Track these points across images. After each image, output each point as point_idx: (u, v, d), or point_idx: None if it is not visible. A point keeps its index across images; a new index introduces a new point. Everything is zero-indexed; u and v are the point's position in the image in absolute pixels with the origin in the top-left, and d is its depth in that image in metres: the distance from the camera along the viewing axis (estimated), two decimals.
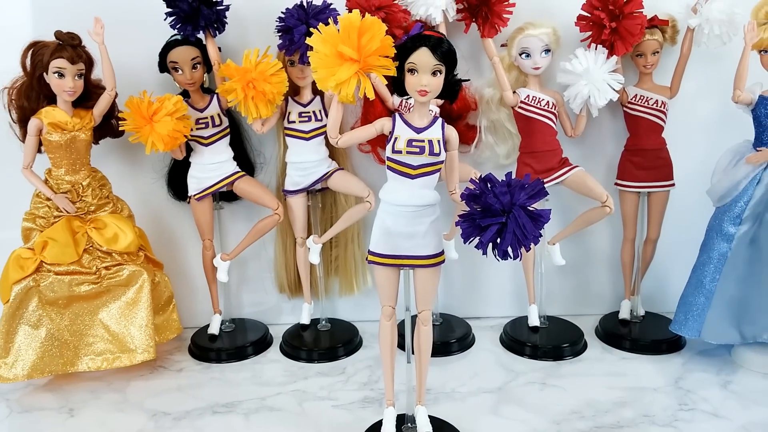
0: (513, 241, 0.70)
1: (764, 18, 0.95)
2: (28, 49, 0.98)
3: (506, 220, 0.69)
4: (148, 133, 0.99)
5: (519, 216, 0.69)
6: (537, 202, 0.71)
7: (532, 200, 0.70)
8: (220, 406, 0.97)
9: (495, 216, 0.70)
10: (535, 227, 0.70)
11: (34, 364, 1.00)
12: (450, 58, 0.74)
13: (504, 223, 0.70)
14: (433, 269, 0.80)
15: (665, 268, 1.18)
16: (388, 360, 0.84)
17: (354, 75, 0.74)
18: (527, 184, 0.71)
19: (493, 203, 0.69)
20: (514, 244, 0.70)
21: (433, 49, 0.73)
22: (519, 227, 0.69)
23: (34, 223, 1.03)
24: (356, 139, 0.82)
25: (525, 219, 0.69)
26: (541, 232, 0.71)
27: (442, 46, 0.73)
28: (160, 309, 1.10)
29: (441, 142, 0.76)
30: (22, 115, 1.01)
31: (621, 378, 1.01)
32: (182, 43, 1.02)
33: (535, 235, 0.70)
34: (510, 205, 0.70)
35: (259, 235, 1.11)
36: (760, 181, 0.98)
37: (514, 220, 0.69)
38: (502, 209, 0.70)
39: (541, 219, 0.71)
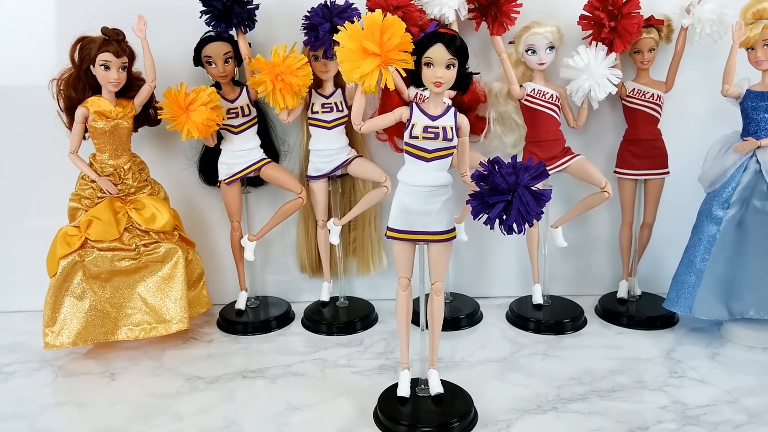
0: (517, 217, 0.76)
1: (751, 18, 1.02)
2: (76, 44, 1.06)
3: (512, 198, 0.76)
4: (184, 121, 1.07)
5: (523, 194, 0.76)
6: (540, 182, 0.78)
7: (535, 181, 0.77)
8: (248, 371, 1.04)
9: (501, 194, 0.76)
10: (538, 205, 0.76)
11: (79, 332, 1.08)
12: (462, 53, 0.80)
13: (509, 201, 0.76)
14: (446, 244, 0.87)
15: (660, 251, 1.25)
16: (404, 327, 0.91)
17: (376, 68, 0.81)
18: (531, 166, 0.77)
19: (500, 183, 0.76)
20: (519, 220, 0.76)
21: (447, 45, 0.79)
22: (523, 204, 0.76)
23: (80, 203, 1.11)
24: (377, 126, 0.89)
25: (528, 197, 0.76)
26: (542, 210, 0.78)
27: (455, 42, 0.80)
28: (191, 285, 1.18)
29: (453, 129, 0.83)
30: (69, 104, 1.10)
31: (617, 350, 1.09)
32: (216, 39, 1.10)
33: (537, 212, 0.77)
34: (515, 184, 0.76)
35: (283, 217, 1.19)
36: (747, 168, 1.05)
37: (519, 198, 0.76)
38: (507, 188, 0.76)
39: (542, 198, 0.77)
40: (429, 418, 0.87)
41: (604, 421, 0.88)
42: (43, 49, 1.19)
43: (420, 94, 1.12)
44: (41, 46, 1.19)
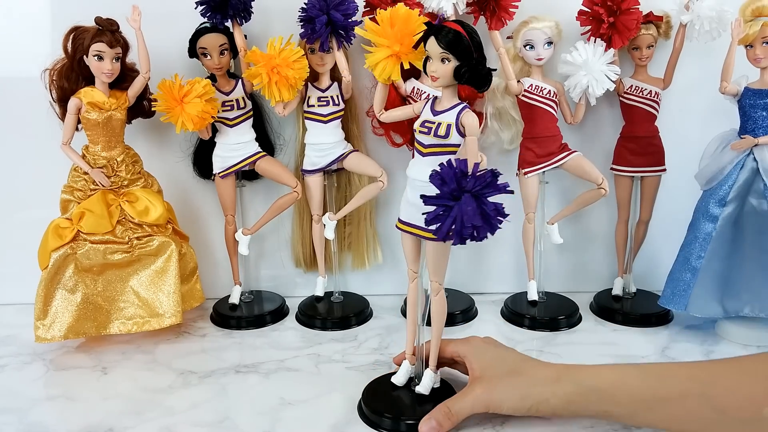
0: (451, 226, 0.71)
1: (750, 15, 1.02)
2: (69, 34, 1.05)
3: (452, 206, 0.71)
4: (179, 113, 1.06)
5: (465, 203, 0.71)
6: (492, 194, 0.72)
7: (485, 190, 0.71)
8: (242, 366, 1.04)
9: (443, 199, 0.72)
10: (479, 219, 0.70)
11: (70, 326, 1.07)
12: (454, 47, 0.76)
13: (449, 207, 0.72)
14: (438, 243, 0.83)
15: (656, 248, 1.25)
16: (408, 319, 0.90)
17: (386, 58, 0.81)
18: (481, 174, 0.72)
19: (442, 187, 0.72)
20: (453, 230, 0.71)
21: (438, 38, 0.77)
22: (461, 215, 0.71)
23: (72, 195, 1.10)
24: (396, 117, 0.86)
25: (470, 209, 0.70)
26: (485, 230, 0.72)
27: (445, 35, 0.76)
28: (185, 279, 1.17)
29: (451, 127, 0.80)
30: (62, 95, 1.08)
31: (612, 347, 1.09)
32: (211, 30, 1.09)
33: (475, 226, 0.70)
34: (458, 191, 0.71)
35: (278, 211, 1.18)
36: (744, 166, 1.05)
37: (459, 207, 0.71)
38: (450, 194, 0.72)
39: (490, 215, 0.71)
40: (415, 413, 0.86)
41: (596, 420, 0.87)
42: (37, 39, 1.18)
43: (416, 88, 1.11)
44: (35, 36, 1.18)
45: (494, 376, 0.81)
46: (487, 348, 0.87)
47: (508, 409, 0.79)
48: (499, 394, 0.79)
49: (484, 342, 0.89)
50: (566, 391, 0.76)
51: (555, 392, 0.76)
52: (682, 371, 0.74)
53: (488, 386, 0.80)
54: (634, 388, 0.73)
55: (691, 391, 0.70)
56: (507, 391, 0.79)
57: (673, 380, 0.72)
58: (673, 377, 0.73)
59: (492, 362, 0.83)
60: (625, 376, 0.75)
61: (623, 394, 0.74)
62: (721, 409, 0.68)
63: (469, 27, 0.78)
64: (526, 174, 1.15)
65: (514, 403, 0.78)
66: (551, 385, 0.77)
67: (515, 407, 0.78)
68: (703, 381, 0.70)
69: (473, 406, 0.80)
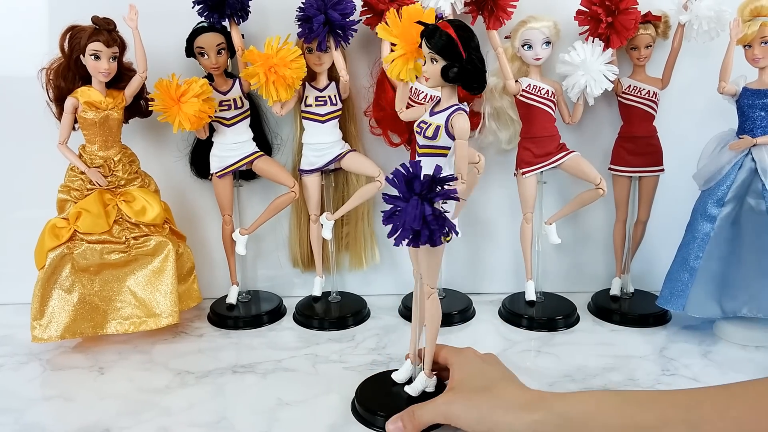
0: (396, 224, 0.72)
1: (749, 15, 1.02)
2: (66, 33, 1.04)
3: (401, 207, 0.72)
4: (176, 113, 1.05)
5: (411, 206, 0.71)
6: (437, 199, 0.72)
7: (431, 195, 0.71)
8: (239, 366, 1.03)
9: (396, 200, 0.73)
10: (419, 224, 0.70)
11: (67, 326, 1.07)
12: (440, 47, 0.75)
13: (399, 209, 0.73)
14: (427, 247, 0.80)
15: (654, 248, 1.25)
16: (413, 318, 0.90)
17: (398, 58, 0.81)
18: (431, 178, 0.71)
19: (395, 185, 0.73)
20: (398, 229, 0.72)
21: (425, 39, 0.76)
22: (404, 217, 0.71)
23: (69, 194, 1.10)
24: (412, 117, 0.85)
25: (413, 212, 0.71)
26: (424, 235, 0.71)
27: (431, 35, 0.75)
28: (182, 279, 1.17)
29: (440, 129, 0.78)
30: (58, 94, 1.08)
31: (610, 347, 1.09)
32: (208, 29, 1.09)
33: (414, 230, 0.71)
34: (407, 193, 0.72)
35: (275, 211, 1.18)
36: (742, 166, 1.05)
37: (405, 209, 0.71)
38: (401, 196, 0.72)
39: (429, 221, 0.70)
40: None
41: None
42: (34, 38, 1.17)
43: (414, 88, 1.11)
44: (32, 36, 1.18)
45: (463, 390, 0.79)
46: (473, 362, 0.84)
47: (465, 426, 0.75)
48: (457, 410, 0.76)
49: (475, 355, 0.86)
50: (535, 418, 0.71)
51: (521, 418, 0.72)
52: (663, 398, 0.69)
53: (451, 398, 0.78)
54: (611, 416, 0.68)
55: (673, 419, 0.65)
56: (466, 408, 0.76)
57: (654, 407, 0.68)
58: (653, 404, 0.68)
59: (469, 376, 0.81)
60: (601, 403, 0.71)
61: (599, 423, 0.68)
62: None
63: (461, 27, 0.76)
64: (524, 174, 1.15)
65: (470, 422, 0.75)
66: (518, 410, 0.73)
67: (471, 426, 0.75)
68: (685, 407, 0.66)
69: (434, 415, 0.79)
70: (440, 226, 0.73)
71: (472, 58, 0.76)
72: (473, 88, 0.78)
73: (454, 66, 0.76)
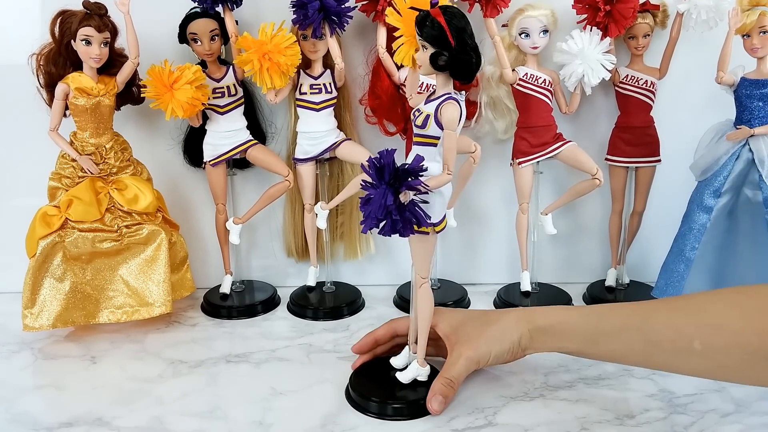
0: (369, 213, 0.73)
1: (747, 5, 1.01)
2: (56, 18, 1.03)
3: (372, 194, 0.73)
4: (169, 100, 1.04)
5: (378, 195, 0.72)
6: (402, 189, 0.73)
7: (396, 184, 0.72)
8: (232, 356, 1.03)
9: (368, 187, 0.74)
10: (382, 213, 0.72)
11: (59, 314, 1.06)
12: (427, 34, 0.74)
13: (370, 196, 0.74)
14: (416, 236, 0.80)
15: (650, 239, 1.25)
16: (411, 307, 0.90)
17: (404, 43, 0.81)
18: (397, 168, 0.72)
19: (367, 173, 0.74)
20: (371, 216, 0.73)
21: (416, 26, 0.76)
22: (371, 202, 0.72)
23: (60, 182, 1.09)
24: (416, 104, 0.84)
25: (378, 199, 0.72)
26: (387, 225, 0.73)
27: (421, 22, 0.75)
28: (175, 268, 1.16)
29: (429, 118, 0.78)
30: (49, 80, 1.07)
31: None
32: (201, 15, 1.07)
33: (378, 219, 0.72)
34: (377, 181, 0.73)
35: (269, 200, 1.17)
36: (739, 156, 1.04)
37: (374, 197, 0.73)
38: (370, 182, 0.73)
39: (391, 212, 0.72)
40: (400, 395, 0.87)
41: (591, 409, 0.87)
42: (25, 23, 1.16)
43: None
44: (22, 21, 1.16)
45: (470, 332, 0.88)
46: (454, 313, 0.93)
47: (494, 357, 0.86)
48: (484, 346, 0.86)
49: (449, 310, 0.95)
50: (529, 328, 0.86)
51: (518, 331, 0.86)
52: (622, 309, 0.83)
53: (470, 343, 0.87)
54: (579, 324, 0.84)
55: (629, 326, 0.79)
56: (488, 342, 0.86)
57: (613, 317, 0.82)
58: (613, 314, 0.82)
59: (462, 323, 0.90)
60: (570, 314, 0.87)
61: (570, 330, 0.84)
62: (656, 342, 0.77)
63: (452, 14, 0.74)
64: (520, 164, 1.14)
65: (498, 350, 0.86)
66: (517, 327, 0.86)
67: (499, 353, 0.86)
68: (639, 317, 0.79)
69: (467, 366, 0.86)
70: (405, 217, 0.73)
71: (461, 47, 0.75)
72: (460, 77, 0.77)
73: (443, 54, 0.75)
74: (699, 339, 0.73)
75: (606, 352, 0.83)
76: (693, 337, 0.74)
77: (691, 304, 0.78)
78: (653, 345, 0.77)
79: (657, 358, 0.79)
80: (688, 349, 0.74)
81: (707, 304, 0.77)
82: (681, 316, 0.77)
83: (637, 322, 0.79)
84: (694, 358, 0.75)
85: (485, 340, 0.87)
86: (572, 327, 0.84)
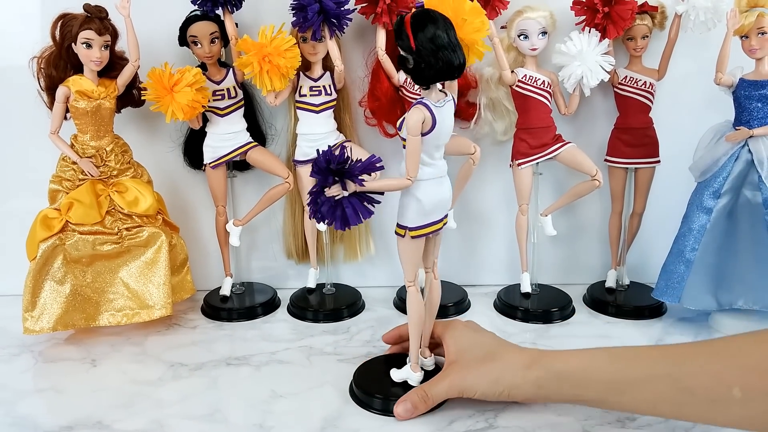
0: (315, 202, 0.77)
1: (745, 6, 1.01)
2: (57, 21, 1.03)
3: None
4: (169, 102, 1.04)
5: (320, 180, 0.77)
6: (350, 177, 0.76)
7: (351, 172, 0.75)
8: (233, 359, 1.03)
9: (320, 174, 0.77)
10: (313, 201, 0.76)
11: (59, 317, 1.06)
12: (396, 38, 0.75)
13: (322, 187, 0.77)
14: (397, 239, 0.83)
15: (649, 240, 1.25)
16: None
17: None
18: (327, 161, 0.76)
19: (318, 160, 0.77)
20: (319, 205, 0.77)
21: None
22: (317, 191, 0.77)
23: (61, 185, 1.09)
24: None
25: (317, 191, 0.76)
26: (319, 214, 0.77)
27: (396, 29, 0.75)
28: (175, 270, 1.16)
29: (404, 121, 0.78)
30: (50, 83, 1.07)
31: (605, 339, 1.08)
32: (202, 18, 1.08)
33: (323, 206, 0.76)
34: (324, 172, 0.76)
35: (269, 202, 1.17)
36: (739, 157, 1.04)
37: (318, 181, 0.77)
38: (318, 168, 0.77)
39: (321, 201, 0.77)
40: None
41: (592, 411, 0.87)
42: (26, 26, 1.16)
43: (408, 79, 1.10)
44: (23, 24, 1.16)
45: (469, 360, 0.83)
46: (465, 332, 0.88)
47: (481, 394, 0.81)
48: (472, 380, 0.81)
49: (464, 326, 0.91)
50: (537, 375, 0.77)
51: (526, 377, 0.78)
52: (651, 353, 0.74)
53: (462, 372, 0.82)
54: (602, 371, 0.74)
55: (660, 372, 0.70)
56: (479, 377, 0.81)
57: (642, 362, 0.72)
58: (641, 359, 0.73)
59: (468, 347, 0.85)
60: (593, 359, 0.76)
61: (591, 377, 0.74)
62: (690, 390, 0.67)
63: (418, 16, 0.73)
64: (520, 165, 1.14)
65: (486, 389, 0.80)
66: (523, 370, 0.78)
67: (487, 393, 0.80)
68: (671, 362, 0.70)
69: (448, 390, 0.83)
70: (325, 209, 0.77)
71: (420, 51, 0.73)
72: (417, 81, 0.76)
73: (406, 58, 0.75)
74: (739, 385, 0.64)
75: (630, 402, 0.73)
76: (732, 383, 0.64)
77: (730, 346, 0.69)
78: (686, 393, 0.67)
79: (690, 409, 0.69)
80: (727, 397, 0.64)
81: (748, 346, 0.68)
82: (719, 359, 0.68)
83: (668, 367, 0.69)
84: (732, 408, 0.65)
85: (477, 375, 0.81)
86: (596, 374, 0.74)
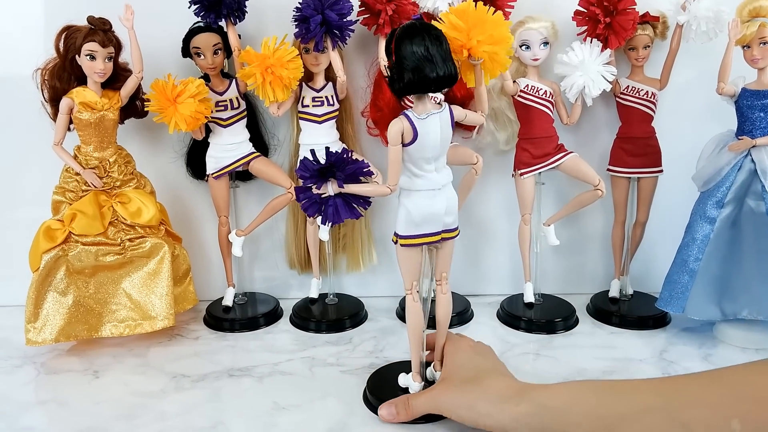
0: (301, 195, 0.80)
1: (747, 16, 1.01)
2: (61, 33, 1.03)
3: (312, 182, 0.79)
4: (172, 113, 1.04)
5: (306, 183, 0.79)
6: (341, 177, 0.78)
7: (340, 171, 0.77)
8: (235, 370, 1.02)
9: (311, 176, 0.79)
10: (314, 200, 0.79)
11: (62, 329, 1.06)
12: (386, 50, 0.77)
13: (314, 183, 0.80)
14: (395, 246, 0.84)
15: (653, 250, 1.24)
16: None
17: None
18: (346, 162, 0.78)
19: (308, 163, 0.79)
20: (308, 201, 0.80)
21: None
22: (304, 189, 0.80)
23: (64, 196, 1.09)
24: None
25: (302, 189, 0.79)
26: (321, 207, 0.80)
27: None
28: (178, 281, 1.16)
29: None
30: (53, 95, 1.07)
31: (609, 350, 1.08)
32: (205, 30, 1.08)
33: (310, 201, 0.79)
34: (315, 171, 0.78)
35: (272, 212, 1.17)
36: (742, 167, 1.04)
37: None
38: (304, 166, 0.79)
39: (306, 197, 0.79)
40: None
41: None
42: (29, 38, 1.16)
43: None
44: (27, 36, 1.17)
45: (455, 380, 0.81)
46: (465, 352, 0.87)
47: (457, 417, 0.78)
48: (447, 400, 0.79)
49: (468, 345, 0.89)
50: (518, 410, 0.73)
51: (505, 409, 0.74)
52: (641, 386, 0.69)
53: (444, 390, 0.81)
54: (590, 405, 0.69)
55: (653, 406, 0.65)
56: (456, 399, 0.78)
57: (633, 395, 0.68)
58: (632, 392, 0.69)
59: (460, 367, 0.83)
60: (580, 393, 0.72)
61: (578, 412, 0.69)
62: (685, 424, 0.63)
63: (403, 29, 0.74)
64: (522, 175, 1.14)
65: (461, 412, 0.78)
66: (503, 401, 0.74)
67: (461, 416, 0.78)
68: (664, 394, 0.66)
69: (427, 405, 0.82)
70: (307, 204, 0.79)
71: (396, 63, 0.74)
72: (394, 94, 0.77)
73: (388, 69, 0.76)
74: (739, 417, 0.61)
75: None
76: (731, 414, 0.61)
77: (727, 377, 0.66)
78: (682, 428, 0.63)
79: None
80: (725, 430, 0.61)
81: (747, 376, 0.65)
82: (716, 390, 0.64)
83: (662, 400, 0.65)
84: None
85: (454, 396, 0.79)
86: (584, 407, 0.69)
